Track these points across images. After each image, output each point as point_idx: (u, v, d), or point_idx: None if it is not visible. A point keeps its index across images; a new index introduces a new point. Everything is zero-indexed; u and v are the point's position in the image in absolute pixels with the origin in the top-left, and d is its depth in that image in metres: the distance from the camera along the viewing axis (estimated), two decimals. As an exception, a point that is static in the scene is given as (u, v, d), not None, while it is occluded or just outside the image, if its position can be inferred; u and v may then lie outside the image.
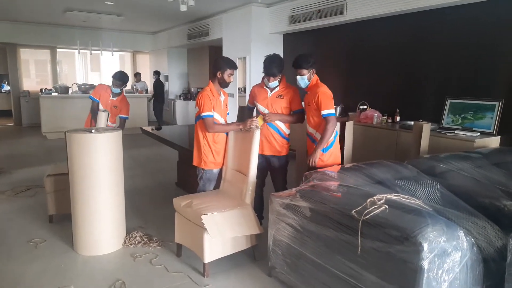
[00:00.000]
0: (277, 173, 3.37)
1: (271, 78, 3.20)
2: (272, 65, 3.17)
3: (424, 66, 4.85)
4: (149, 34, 11.81)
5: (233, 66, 3.14)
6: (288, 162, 3.42)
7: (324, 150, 3.08)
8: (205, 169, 3.16)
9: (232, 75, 3.14)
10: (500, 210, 2.41)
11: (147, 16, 8.72)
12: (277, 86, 3.25)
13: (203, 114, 3.02)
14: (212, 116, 3.04)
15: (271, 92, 3.27)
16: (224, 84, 3.14)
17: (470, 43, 4.35)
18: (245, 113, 3.57)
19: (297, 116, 3.29)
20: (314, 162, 3.04)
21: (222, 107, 3.16)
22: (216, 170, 3.22)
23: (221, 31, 7.85)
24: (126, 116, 4.45)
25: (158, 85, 10.18)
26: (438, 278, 1.73)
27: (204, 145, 3.12)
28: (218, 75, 3.11)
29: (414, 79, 4.98)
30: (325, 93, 3.05)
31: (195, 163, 3.20)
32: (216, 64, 3.14)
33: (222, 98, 3.19)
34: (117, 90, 4.29)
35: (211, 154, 3.14)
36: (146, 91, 10.71)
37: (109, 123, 4.27)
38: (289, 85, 3.32)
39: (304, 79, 3.13)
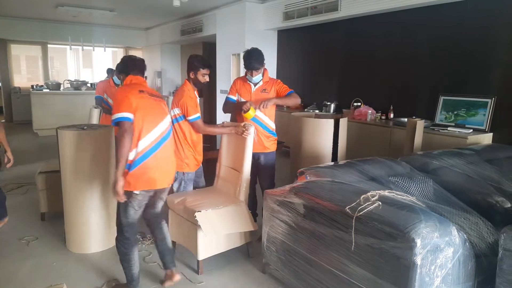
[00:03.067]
0: (264, 170, 3.27)
1: (254, 72, 3.12)
2: (251, 59, 3.07)
3: (418, 63, 4.87)
4: (142, 30, 11.70)
5: (206, 65, 2.97)
6: (275, 158, 3.35)
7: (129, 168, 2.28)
8: (186, 172, 3.03)
9: (207, 74, 2.98)
10: (492, 206, 2.44)
11: (140, 11, 8.63)
12: (260, 81, 3.20)
13: (192, 117, 2.89)
14: (200, 117, 2.93)
15: (254, 86, 3.22)
16: (199, 84, 2.99)
17: (463, 40, 4.37)
18: (228, 107, 3.38)
19: (291, 96, 3.19)
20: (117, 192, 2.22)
21: (199, 108, 3.04)
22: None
23: (214, 27, 7.81)
24: None
25: None
26: (431, 273, 1.74)
27: (185, 149, 2.97)
28: (191, 75, 2.97)
29: (408, 76, 5.00)
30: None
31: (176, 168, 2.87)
32: (188, 64, 3.01)
33: (198, 99, 3.08)
34: (119, 81, 4.46)
35: (193, 156, 3.02)
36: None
37: None
38: (272, 78, 3.30)
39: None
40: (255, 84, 3.22)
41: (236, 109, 3.27)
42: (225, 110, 3.40)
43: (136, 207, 2.36)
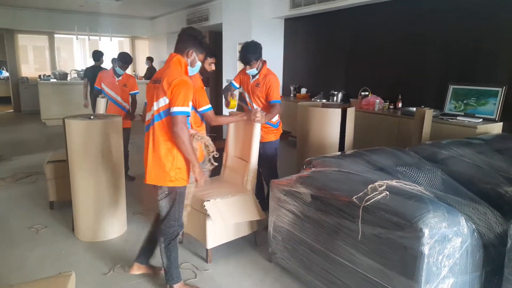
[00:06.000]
0: (263, 160, 3.22)
1: (247, 66, 3.09)
2: (246, 52, 3.03)
3: (427, 52, 4.79)
4: (148, 19, 11.66)
5: (213, 54, 2.89)
6: (276, 149, 3.31)
7: None
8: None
9: (214, 63, 2.92)
10: (501, 196, 2.41)
11: (146, 0, 8.59)
12: (256, 74, 3.17)
13: (203, 108, 2.71)
14: (211, 108, 2.76)
15: (252, 79, 3.22)
16: (205, 73, 2.94)
17: (473, 28, 4.28)
18: (225, 89, 3.38)
19: (274, 107, 3.09)
20: None
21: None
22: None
23: (221, 16, 7.74)
24: (137, 91, 4.59)
25: (152, 71, 10.17)
26: (438, 263, 1.73)
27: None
28: None
29: (417, 65, 4.93)
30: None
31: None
32: None
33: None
34: (122, 72, 4.45)
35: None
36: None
37: (124, 103, 4.46)
38: (270, 72, 3.18)
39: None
40: (253, 77, 3.21)
41: (226, 95, 3.26)
42: (223, 91, 3.40)
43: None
